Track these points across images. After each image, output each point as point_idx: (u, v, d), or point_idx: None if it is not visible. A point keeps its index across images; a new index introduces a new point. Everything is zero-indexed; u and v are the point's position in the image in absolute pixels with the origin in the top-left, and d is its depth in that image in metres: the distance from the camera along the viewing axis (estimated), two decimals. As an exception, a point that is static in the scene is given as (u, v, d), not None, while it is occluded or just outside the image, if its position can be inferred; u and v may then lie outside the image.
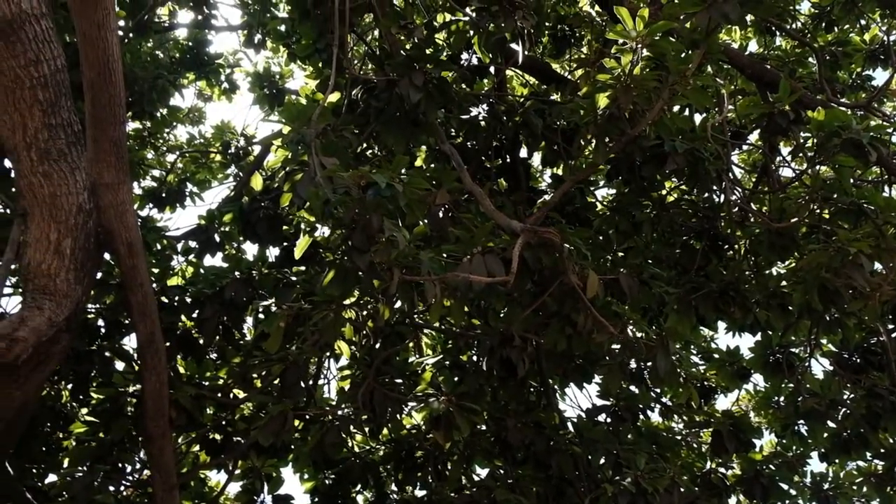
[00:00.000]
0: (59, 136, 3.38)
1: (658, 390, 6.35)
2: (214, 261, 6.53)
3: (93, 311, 5.34)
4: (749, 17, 6.57)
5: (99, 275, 4.72)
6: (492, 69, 6.26)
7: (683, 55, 4.00)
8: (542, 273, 4.81)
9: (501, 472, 5.51)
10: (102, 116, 3.65)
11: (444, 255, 4.38)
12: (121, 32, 5.89)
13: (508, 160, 6.62)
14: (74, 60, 3.56)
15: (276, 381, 5.11)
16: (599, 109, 4.33)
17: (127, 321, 5.41)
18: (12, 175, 5.37)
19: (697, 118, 5.76)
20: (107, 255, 4.28)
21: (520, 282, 4.52)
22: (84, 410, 5.66)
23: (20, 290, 5.21)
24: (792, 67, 6.62)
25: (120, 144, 3.81)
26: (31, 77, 3.20)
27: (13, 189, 5.49)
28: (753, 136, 6.42)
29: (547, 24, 6.45)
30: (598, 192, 6.98)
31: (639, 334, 5.04)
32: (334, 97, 4.97)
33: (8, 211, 5.60)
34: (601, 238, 6.02)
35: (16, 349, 3.14)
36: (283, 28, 6.80)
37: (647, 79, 4.04)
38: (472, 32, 4.79)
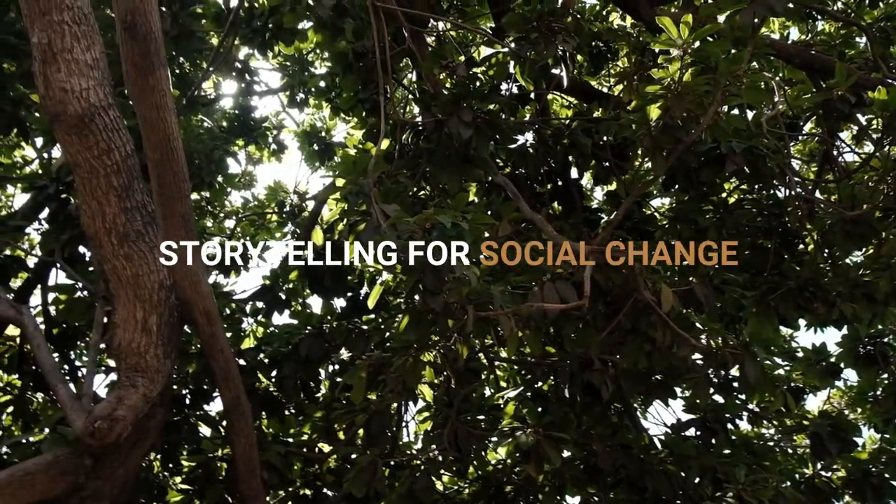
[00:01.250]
0: (135, 218, 3.50)
1: (744, 396, 6.16)
2: (283, 318, 6.66)
3: (177, 380, 5.46)
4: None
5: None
6: (532, 95, 6.28)
7: (732, 55, 3.93)
8: (613, 292, 4.76)
9: (595, 498, 5.39)
10: (169, 194, 3.76)
11: (513, 286, 4.37)
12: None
13: (560, 183, 6.59)
14: (137, 143, 3.70)
15: (360, 432, 5.14)
16: (652, 121, 4.28)
17: (210, 387, 5.52)
18: (86, 258, 5.65)
19: (748, 114, 5.67)
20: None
21: (592, 304, 4.47)
22: (177, 479, 5.76)
23: (104, 368, 5.39)
24: (840, 50, 6.45)
25: (187, 218, 3.92)
26: (105, 165, 3.33)
27: (90, 269, 5.73)
28: (808, 125, 6.27)
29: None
30: (652, 201, 6.90)
31: (719, 342, 4.91)
32: (384, 144, 5.03)
33: (86, 293, 5.80)
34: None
35: (117, 429, 3.22)
36: (323, 84, 6.96)
37: (698, 84, 3.99)
38: (512, 63, 4.82)
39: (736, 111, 5.75)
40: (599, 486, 5.43)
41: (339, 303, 6.51)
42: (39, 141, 6.09)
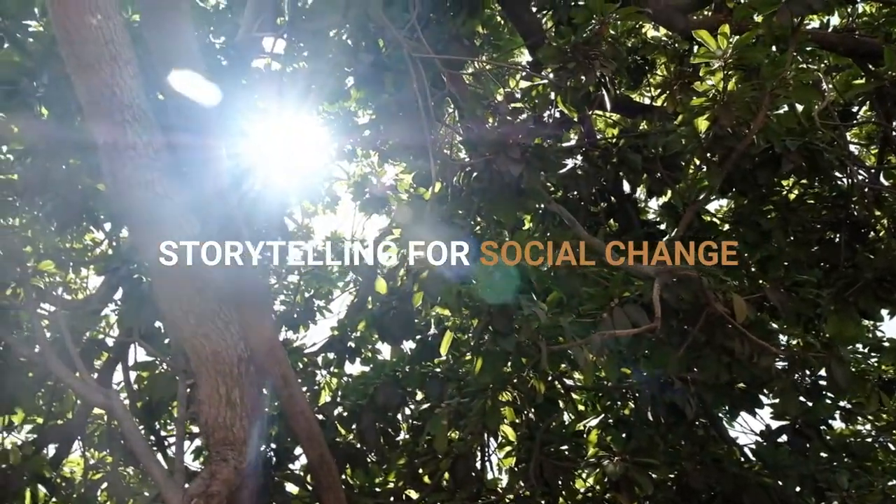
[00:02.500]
0: (209, 297, 3.61)
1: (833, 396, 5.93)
2: (354, 366, 6.76)
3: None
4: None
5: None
6: (575, 118, 6.27)
7: (775, 58, 3.88)
8: (683, 308, 4.68)
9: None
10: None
11: (580, 314, 4.34)
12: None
13: (613, 200, 6.54)
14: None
15: (445, 476, 5.14)
16: (701, 133, 4.23)
17: (292, 445, 5.61)
18: (164, 332, 5.84)
19: (798, 108, 5.55)
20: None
21: (664, 323, 4.41)
22: (269, 541, 5.84)
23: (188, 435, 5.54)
24: (885, 30, 6.27)
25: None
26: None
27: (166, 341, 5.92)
28: (862, 109, 6.10)
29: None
30: (709, 205, 6.77)
31: (801, 345, 4.77)
32: (436, 188, 5.10)
33: (167, 367, 5.99)
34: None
35: (213, 504, 3.30)
36: (367, 133, 7.08)
37: (743, 92, 3.94)
38: (553, 93, 4.84)
39: (784, 108, 5.65)
40: (695, 505, 5.29)
41: (409, 345, 6.59)
42: (108, 225, 6.35)
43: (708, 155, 4.27)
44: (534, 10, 6.36)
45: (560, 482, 4.99)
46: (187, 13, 3.90)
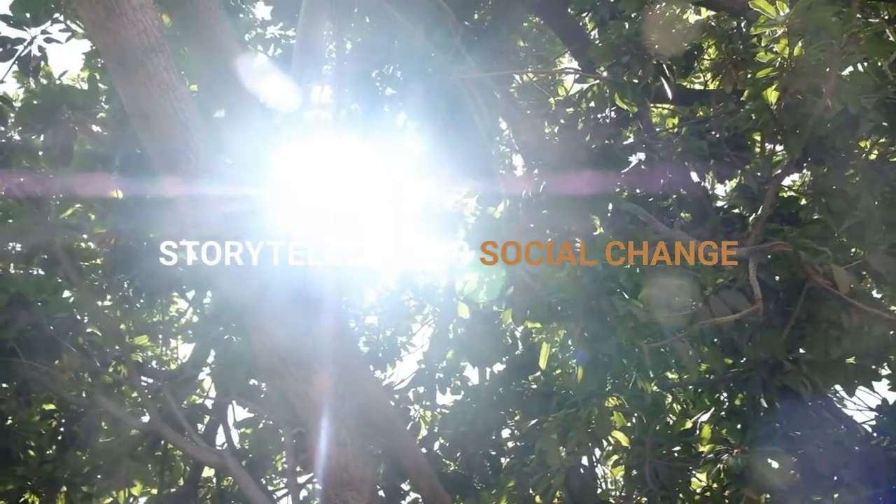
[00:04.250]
0: (304, 343, 3.67)
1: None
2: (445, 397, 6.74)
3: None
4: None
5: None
6: (631, 114, 6.19)
7: (843, 14, 3.74)
8: (782, 287, 4.51)
9: (824, 506, 4.98)
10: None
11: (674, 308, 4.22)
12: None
13: (683, 192, 6.39)
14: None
15: (557, 493, 5.03)
16: (772, 105, 4.11)
17: (400, 479, 5.60)
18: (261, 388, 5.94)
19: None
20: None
21: (764, 305, 4.25)
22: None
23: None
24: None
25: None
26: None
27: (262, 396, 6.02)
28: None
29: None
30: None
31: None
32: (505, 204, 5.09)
33: (266, 419, 6.09)
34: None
35: (341, 547, 3.30)
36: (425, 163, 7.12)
37: (810, 55, 3.81)
38: (608, 90, 4.79)
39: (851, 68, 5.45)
40: (824, 490, 5.03)
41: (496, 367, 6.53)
42: (191, 294, 6.54)
43: (781, 127, 4.11)
44: (571, 13, 6.34)
45: (678, 483, 4.83)
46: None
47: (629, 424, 4.67)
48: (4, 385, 5.25)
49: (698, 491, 5.66)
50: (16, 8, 5.07)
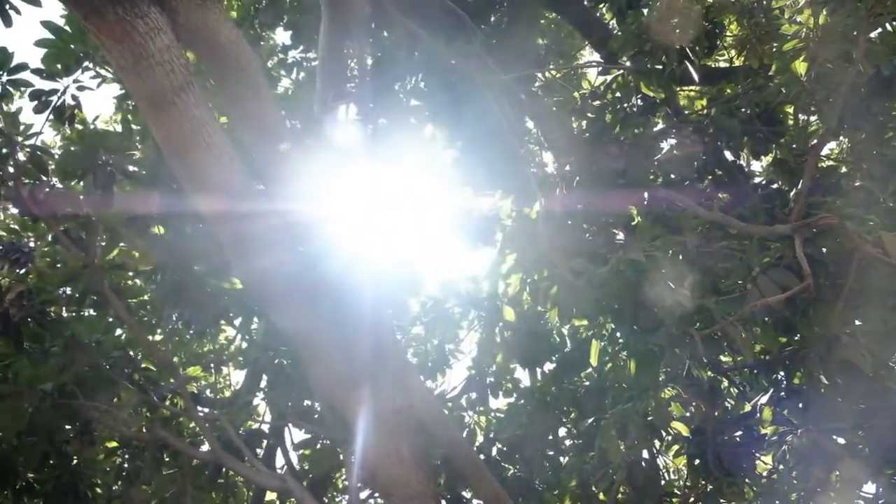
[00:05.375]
0: (355, 362, 3.70)
1: None
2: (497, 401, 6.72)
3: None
4: None
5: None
6: (657, 100, 6.12)
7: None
8: (831, 259, 4.41)
9: None
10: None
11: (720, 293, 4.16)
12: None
13: (719, 172, 6.30)
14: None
15: (621, 489, 4.99)
16: (802, 76, 4.03)
17: (461, 485, 5.60)
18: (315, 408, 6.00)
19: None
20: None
21: (814, 279, 4.16)
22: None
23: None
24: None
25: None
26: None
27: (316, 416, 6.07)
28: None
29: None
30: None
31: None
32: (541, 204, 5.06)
33: (323, 439, 6.13)
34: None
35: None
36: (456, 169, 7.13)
37: (837, 22, 3.74)
38: (632, 80, 4.75)
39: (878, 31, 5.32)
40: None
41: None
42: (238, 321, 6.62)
43: (814, 97, 4.03)
44: (587, 5, 6.31)
45: (743, 468, 4.75)
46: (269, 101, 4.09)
47: (687, 413, 4.60)
48: (67, 426, 5.41)
49: (764, 475, 5.56)
50: (47, 60, 5.21)
